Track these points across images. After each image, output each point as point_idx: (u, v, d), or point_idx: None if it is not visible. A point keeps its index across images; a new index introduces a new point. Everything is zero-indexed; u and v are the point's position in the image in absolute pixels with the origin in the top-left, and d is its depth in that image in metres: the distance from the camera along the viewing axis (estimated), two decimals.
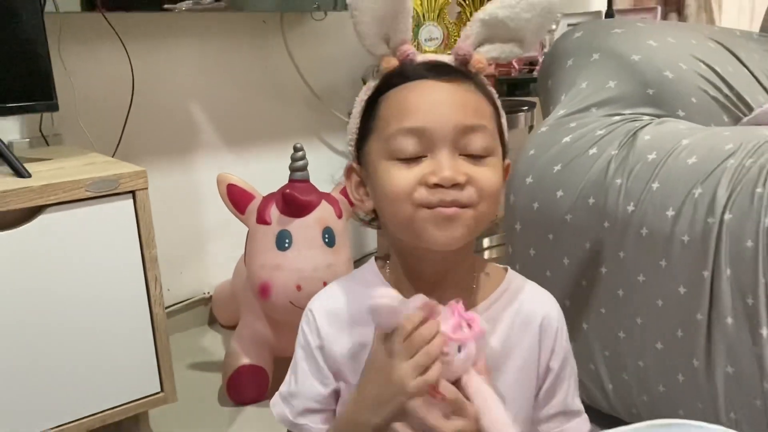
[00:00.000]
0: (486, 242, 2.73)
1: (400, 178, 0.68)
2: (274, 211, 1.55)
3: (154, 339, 1.28)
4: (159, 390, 1.31)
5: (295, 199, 1.50)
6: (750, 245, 1.01)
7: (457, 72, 0.72)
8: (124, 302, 1.25)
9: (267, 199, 1.58)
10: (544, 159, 1.30)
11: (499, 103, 0.76)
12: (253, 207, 1.59)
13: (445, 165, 0.67)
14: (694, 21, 2.50)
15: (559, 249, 1.30)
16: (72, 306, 1.20)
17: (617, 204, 1.17)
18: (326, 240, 1.54)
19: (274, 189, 1.61)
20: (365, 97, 0.75)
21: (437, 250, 0.70)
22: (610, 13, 2.23)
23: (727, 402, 1.09)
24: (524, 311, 0.79)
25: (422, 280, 0.76)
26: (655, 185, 1.13)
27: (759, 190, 1.01)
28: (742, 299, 1.03)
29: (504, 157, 0.75)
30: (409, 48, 0.73)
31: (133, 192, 1.21)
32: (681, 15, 2.49)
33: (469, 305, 0.77)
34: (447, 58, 0.74)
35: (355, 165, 0.77)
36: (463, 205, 0.68)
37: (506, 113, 0.80)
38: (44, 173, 1.21)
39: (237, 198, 1.60)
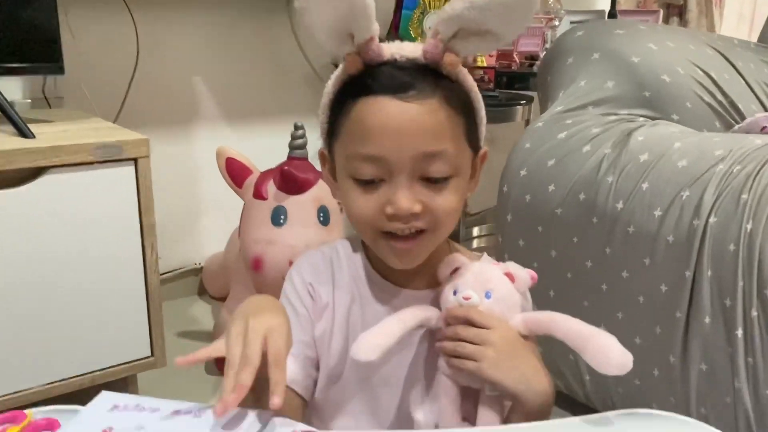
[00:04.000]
0: (476, 231, 2.77)
1: (362, 205, 0.70)
2: (271, 187, 1.57)
3: (147, 305, 1.31)
4: (149, 354, 1.34)
5: (292, 176, 1.52)
6: (732, 249, 1.04)
7: (424, 80, 0.69)
8: (119, 267, 1.28)
9: (264, 175, 1.60)
10: (539, 153, 1.33)
11: (475, 98, 0.74)
12: (251, 181, 1.61)
13: (401, 195, 0.68)
14: (695, 26, 2.53)
15: (548, 241, 1.33)
16: (68, 267, 1.22)
17: (607, 201, 1.21)
18: (321, 218, 1.56)
19: (272, 166, 1.63)
20: (332, 91, 0.74)
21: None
22: (613, 14, 2.25)
23: (698, 397, 1.14)
24: None
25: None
26: (645, 185, 1.17)
27: (744, 196, 1.04)
28: (720, 300, 1.07)
29: (479, 148, 0.75)
30: (374, 46, 0.68)
31: (135, 159, 1.23)
32: (682, 20, 2.51)
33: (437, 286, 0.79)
34: (419, 51, 0.70)
35: (326, 153, 0.77)
36: (420, 230, 0.70)
37: (504, 106, 0.82)
38: (48, 135, 1.23)
39: (235, 172, 1.62)
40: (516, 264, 0.75)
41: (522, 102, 1.94)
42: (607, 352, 0.66)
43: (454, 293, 0.73)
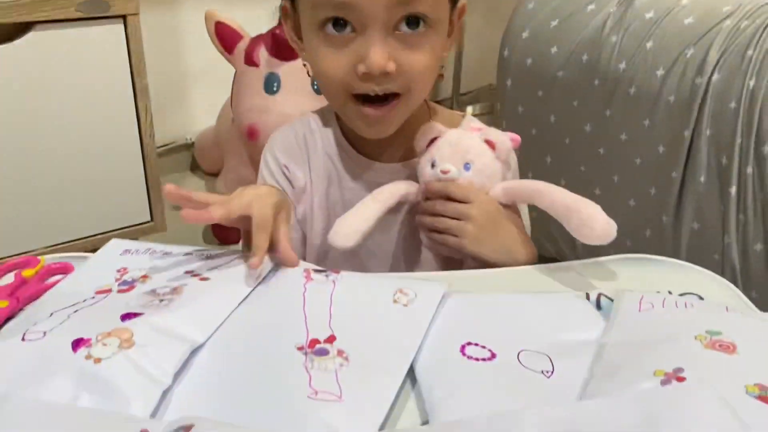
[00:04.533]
0: (469, 110, 2.74)
1: (331, 63, 0.65)
2: (263, 53, 1.53)
3: (144, 168, 1.30)
4: (149, 219, 1.35)
5: (285, 41, 1.47)
6: (733, 106, 1.05)
7: None
8: (114, 130, 1.26)
9: (256, 40, 1.55)
10: (543, 14, 1.30)
11: None
12: (242, 47, 1.56)
13: (375, 51, 0.62)
14: None
15: (548, 106, 1.32)
16: (63, 128, 1.21)
17: (610, 62, 1.19)
18: (315, 87, 1.53)
19: (263, 32, 1.58)
20: None
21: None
22: None
23: (688, 256, 1.18)
24: None
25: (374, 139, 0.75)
26: (649, 44, 1.15)
27: (750, 52, 1.03)
28: (717, 159, 1.09)
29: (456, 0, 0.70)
30: None
31: (124, 17, 1.19)
32: None
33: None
34: None
35: (287, 5, 0.70)
36: (393, 93, 0.66)
37: None
38: None
39: (225, 37, 1.57)
40: (496, 129, 0.72)
41: None
42: (591, 223, 0.65)
43: (432, 166, 0.70)
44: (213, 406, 0.47)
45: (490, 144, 0.70)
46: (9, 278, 0.65)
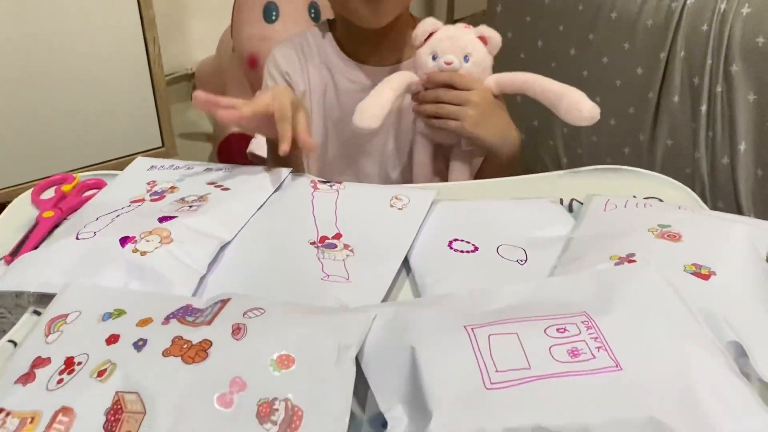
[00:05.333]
0: None
1: None
2: None
3: (154, 97, 1.36)
4: (160, 145, 1.43)
5: None
6: (705, 29, 1.11)
7: None
8: (124, 60, 1.32)
9: None
10: None
11: None
12: None
13: None
14: None
15: (535, 32, 1.38)
16: (74, 59, 1.26)
17: None
18: (312, 15, 1.58)
19: None
20: None
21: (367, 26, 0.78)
22: None
23: (663, 171, 1.26)
24: None
25: (365, 41, 0.83)
26: None
27: None
28: (689, 79, 1.16)
29: None
30: None
31: None
32: None
33: (407, 58, 0.85)
34: None
35: None
36: None
37: None
38: None
39: None
40: (487, 27, 0.79)
41: None
42: (578, 105, 0.74)
43: (434, 58, 0.76)
44: (242, 288, 0.55)
45: (483, 39, 0.76)
46: (50, 193, 0.73)
